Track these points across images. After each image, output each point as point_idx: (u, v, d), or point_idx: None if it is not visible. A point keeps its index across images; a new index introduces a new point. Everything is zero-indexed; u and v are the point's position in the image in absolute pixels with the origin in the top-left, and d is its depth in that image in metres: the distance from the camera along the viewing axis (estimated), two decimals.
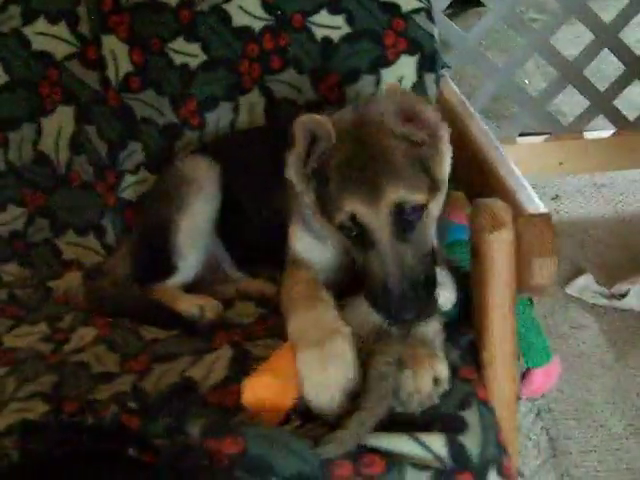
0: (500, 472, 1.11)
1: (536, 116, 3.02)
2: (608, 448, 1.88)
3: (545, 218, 1.18)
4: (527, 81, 3.79)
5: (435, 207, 1.33)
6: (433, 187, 1.31)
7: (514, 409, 1.28)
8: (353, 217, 1.26)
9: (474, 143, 1.53)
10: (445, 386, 1.18)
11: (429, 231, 1.32)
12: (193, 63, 1.90)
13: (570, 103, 3.26)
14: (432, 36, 1.87)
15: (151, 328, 1.60)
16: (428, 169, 1.29)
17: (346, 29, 1.87)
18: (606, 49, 2.96)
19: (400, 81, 1.87)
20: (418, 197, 1.26)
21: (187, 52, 1.90)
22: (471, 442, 1.11)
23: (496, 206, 1.19)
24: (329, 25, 1.87)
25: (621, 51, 2.98)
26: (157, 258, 1.68)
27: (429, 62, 1.87)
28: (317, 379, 1.19)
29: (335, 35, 1.87)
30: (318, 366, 1.20)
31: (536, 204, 1.23)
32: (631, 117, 3.02)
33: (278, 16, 1.88)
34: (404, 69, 1.87)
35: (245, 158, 1.71)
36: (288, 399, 1.22)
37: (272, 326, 1.53)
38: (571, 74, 2.97)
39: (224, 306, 1.64)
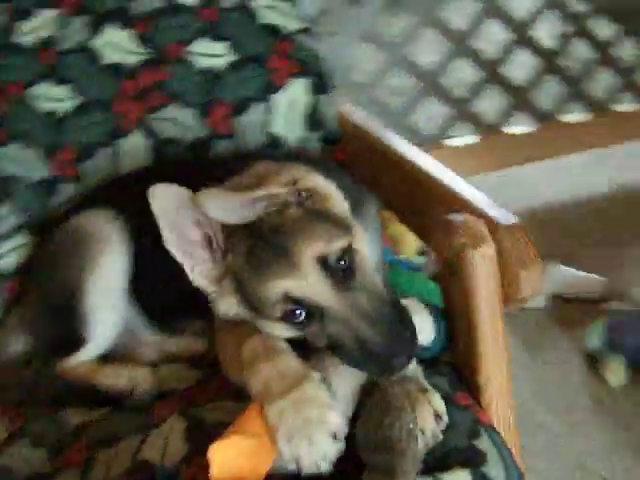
0: None
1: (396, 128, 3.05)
2: (552, 447, 1.88)
3: (523, 228, 1.13)
4: None
5: (361, 244, 1.22)
6: (344, 228, 1.20)
7: (515, 430, 1.22)
8: (287, 297, 1.13)
9: (405, 159, 1.46)
10: (445, 419, 1.09)
11: (371, 271, 1.19)
12: (62, 108, 1.69)
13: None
14: (318, 56, 1.81)
15: (71, 411, 1.37)
16: (327, 217, 1.19)
17: (230, 56, 1.76)
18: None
19: (292, 105, 1.78)
20: (335, 246, 1.15)
21: (54, 97, 1.68)
22: (495, 471, 1.04)
23: (470, 221, 1.13)
24: (211, 54, 1.75)
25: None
26: (64, 329, 1.45)
27: (320, 83, 1.80)
28: (292, 427, 1.04)
29: (219, 64, 1.75)
30: (292, 414, 1.05)
31: (508, 216, 1.18)
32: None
33: (154, 49, 1.72)
34: (295, 93, 1.79)
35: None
36: (265, 463, 1.06)
37: (218, 386, 1.36)
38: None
39: None
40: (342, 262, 1.14)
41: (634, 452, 1.93)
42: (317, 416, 1.04)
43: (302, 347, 1.19)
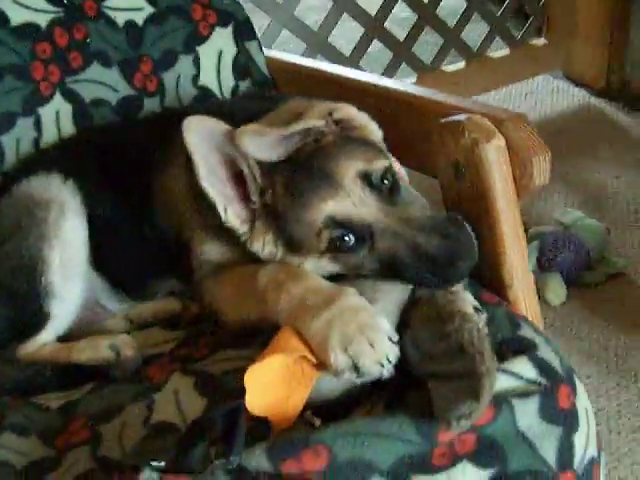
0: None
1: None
2: None
3: (526, 118, 1.15)
4: None
5: (398, 169, 1.22)
6: (382, 152, 1.20)
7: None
8: (333, 221, 1.09)
9: (371, 85, 1.44)
10: (485, 313, 1.08)
11: (413, 191, 1.18)
12: None
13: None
14: (238, 3, 1.75)
15: (44, 397, 1.25)
16: (365, 142, 1.18)
17: (149, 9, 1.66)
18: None
19: (220, 55, 1.71)
20: (378, 165, 1.12)
21: None
22: (548, 355, 1.04)
23: (476, 118, 1.13)
24: (129, 7, 1.64)
25: None
26: (21, 308, 1.31)
27: (245, 30, 1.74)
28: (347, 333, 1.00)
29: (138, 17, 1.65)
30: (342, 322, 1.01)
31: (507, 110, 1.19)
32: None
33: (66, 5, 1.59)
34: (221, 42, 1.72)
35: (102, 167, 1.42)
36: (304, 387, 1.01)
37: (209, 341, 1.29)
38: None
39: None
40: (385, 181, 1.11)
41: (589, 357, 2.04)
42: (370, 321, 1.01)
43: None
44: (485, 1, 3.36)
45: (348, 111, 1.17)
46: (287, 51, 2.04)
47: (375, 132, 1.21)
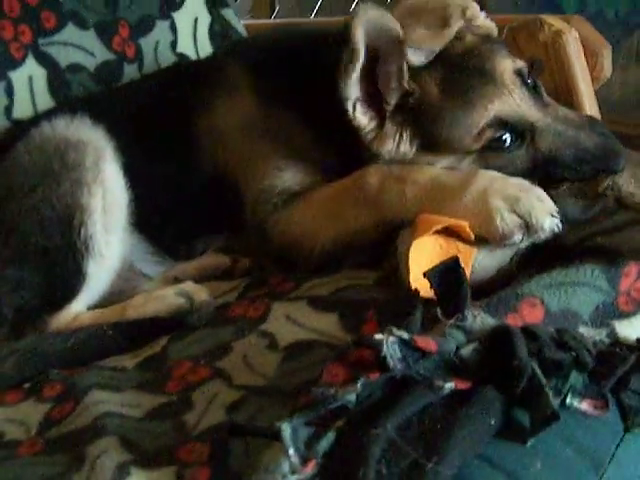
0: None
1: None
2: None
3: (583, 19, 1.21)
4: None
5: None
6: None
7: None
8: (498, 120, 1.06)
9: None
10: None
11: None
12: None
13: None
14: None
15: (114, 358, 1.07)
16: (497, 41, 1.18)
17: None
18: None
19: (195, 22, 1.63)
20: (522, 63, 1.12)
21: None
22: None
23: (549, 17, 1.17)
24: None
25: None
26: (54, 269, 1.13)
27: None
28: (509, 194, 0.97)
29: None
30: (499, 187, 0.99)
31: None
32: None
33: None
34: (195, 9, 1.65)
35: (133, 114, 1.27)
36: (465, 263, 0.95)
37: (288, 277, 1.16)
38: None
39: None
40: (530, 80, 1.10)
41: None
42: (523, 182, 0.99)
43: None
44: None
45: (476, 9, 1.15)
46: None
47: (494, 30, 1.19)
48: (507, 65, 1.09)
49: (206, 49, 1.63)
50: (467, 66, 1.08)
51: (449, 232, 0.98)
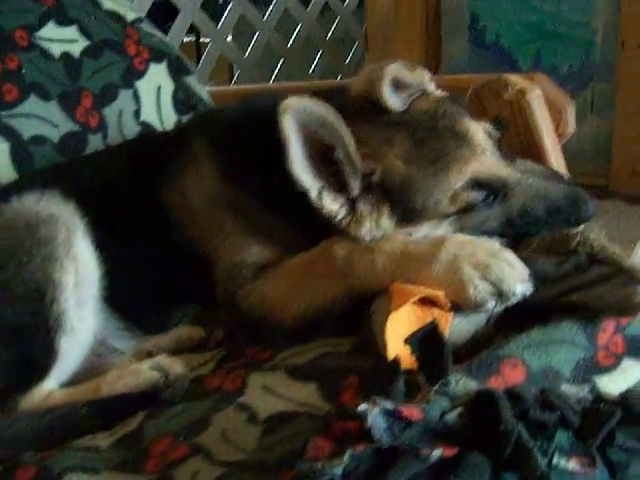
0: None
1: None
2: None
3: (546, 77, 1.23)
4: None
5: None
6: None
7: None
8: (476, 182, 1.06)
9: None
10: None
11: None
12: None
13: None
14: (166, 42, 1.70)
15: (86, 438, 1.03)
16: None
17: (84, 42, 1.55)
18: None
19: (159, 91, 1.63)
20: (484, 123, 1.13)
21: None
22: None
23: (513, 76, 1.19)
24: (63, 39, 1.52)
25: None
26: (25, 346, 1.08)
27: (180, 66, 1.68)
28: (478, 261, 0.96)
29: (74, 50, 1.53)
30: (467, 254, 0.97)
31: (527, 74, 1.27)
32: None
33: None
34: (158, 78, 1.65)
35: (102, 190, 1.25)
36: (444, 328, 0.93)
37: (258, 350, 1.15)
38: None
39: None
40: (500, 136, 1.12)
41: None
42: (494, 246, 0.99)
43: None
44: None
45: (427, 75, 1.16)
46: None
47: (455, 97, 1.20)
48: (477, 126, 1.09)
49: (170, 117, 1.63)
50: (436, 128, 1.08)
51: (424, 299, 0.97)
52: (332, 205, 1.06)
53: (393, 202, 1.06)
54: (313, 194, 1.04)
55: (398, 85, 1.08)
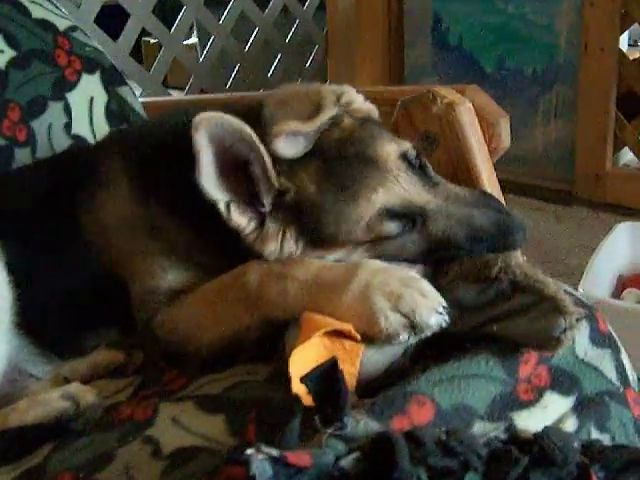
0: None
1: None
2: None
3: (478, 88, 1.19)
4: None
5: None
6: None
7: None
8: (387, 211, 1.01)
9: None
10: None
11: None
12: None
13: None
14: (100, 51, 1.65)
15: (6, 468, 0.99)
16: (378, 123, 1.14)
17: (10, 52, 1.49)
18: None
19: (91, 103, 1.59)
20: (406, 144, 1.08)
21: None
22: (569, 288, 1.05)
23: (442, 89, 1.15)
24: None
25: None
26: None
27: (114, 76, 1.64)
28: (391, 291, 0.91)
29: (0, 60, 1.48)
30: (379, 284, 0.92)
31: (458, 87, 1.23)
32: None
33: None
34: (91, 89, 1.60)
35: (16, 205, 1.21)
36: (350, 366, 0.90)
37: (175, 375, 1.11)
38: None
39: None
40: (417, 160, 1.06)
41: None
42: (408, 274, 0.94)
43: None
44: None
45: (351, 94, 1.11)
46: None
47: (375, 113, 1.15)
48: (390, 149, 1.05)
49: (103, 130, 1.58)
50: (346, 155, 1.03)
51: (335, 331, 0.93)
52: (240, 219, 1.02)
53: (303, 225, 1.02)
54: (222, 207, 1.01)
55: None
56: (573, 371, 0.93)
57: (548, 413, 0.88)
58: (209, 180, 0.99)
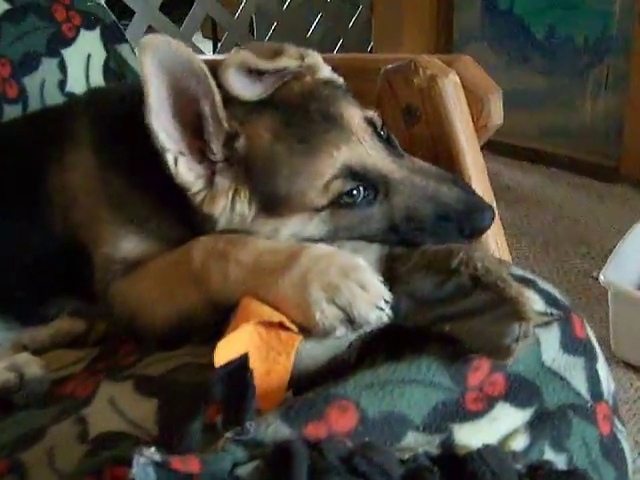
0: None
1: None
2: None
3: (474, 60, 1.10)
4: None
5: None
6: None
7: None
8: (347, 171, 0.95)
9: None
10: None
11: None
12: None
13: None
14: (102, 6, 1.59)
15: None
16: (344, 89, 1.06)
17: (4, 5, 1.45)
18: None
19: (88, 60, 1.53)
20: (370, 112, 1.01)
21: None
22: (548, 287, 0.95)
23: (427, 58, 1.06)
24: None
25: None
26: None
27: (114, 33, 1.58)
28: (329, 281, 0.83)
29: None
30: (319, 272, 0.84)
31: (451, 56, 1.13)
32: None
33: None
34: (88, 46, 1.55)
35: None
36: (284, 359, 0.83)
37: (130, 350, 1.07)
38: None
39: None
40: (383, 131, 1.00)
41: None
42: (351, 262, 0.86)
43: None
44: None
45: (318, 59, 1.04)
46: None
47: (340, 83, 1.08)
48: (355, 112, 0.98)
49: None
50: (307, 109, 0.97)
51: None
52: (188, 174, 0.96)
53: (255, 184, 0.96)
54: (170, 158, 0.95)
55: (251, 72, 0.95)
56: (535, 380, 0.84)
57: (496, 427, 0.79)
58: (159, 119, 0.92)
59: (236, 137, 0.96)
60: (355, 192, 0.96)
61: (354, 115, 0.97)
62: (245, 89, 0.95)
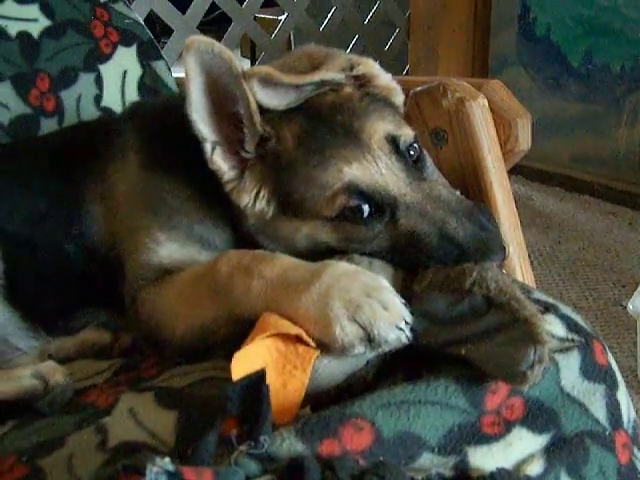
0: None
1: None
2: None
3: (503, 85, 1.10)
4: None
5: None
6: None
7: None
8: (353, 187, 0.96)
9: None
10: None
11: (436, 169, 1.05)
12: None
13: None
14: (140, 24, 1.63)
15: None
16: (391, 104, 1.07)
17: (45, 22, 1.49)
18: None
19: (124, 76, 1.57)
20: (406, 131, 1.02)
21: None
22: (570, 313, 0.94)
23: (456, 82, 1.06)
24: (21, 17, 1.47)
25: None
26: None
27: (151, 50, 1.62)
28: (351, 299, 0.84)
29: (34, 29, 1.47)
30: (341, 289, 0.85)
31: (482, 80, 1.13)
32: None
33: None
34: (125, 62, 1.58)
35: (21, 173, 1.21)
36: (300, 373, 0.83)
37: (153, 362, 1.08)
38: None
39: None
40: (412, 152, 1.00)
41: None
42: (373, 282, 0.86)
43: None
44: None
45: (372, 67, 1.06)
46: None
47: (398, 95, 1.09)
48: (379, 128, 0.99)
49: None
50: (333, 121, 0.99)
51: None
52: (222, 164, 1.01)
53: (276, 185, 1.00)
54: (207, 147, 1.00)
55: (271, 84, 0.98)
56: (553, 405, 0.84)
57: (511, 451, 0.79)
58: (198, 112, 0.98)
59: (269, 139, 1.00)
60: (360, 209, 0.97)
61: (376, 131, 0.98)
62: (270, 99, 0.98)
